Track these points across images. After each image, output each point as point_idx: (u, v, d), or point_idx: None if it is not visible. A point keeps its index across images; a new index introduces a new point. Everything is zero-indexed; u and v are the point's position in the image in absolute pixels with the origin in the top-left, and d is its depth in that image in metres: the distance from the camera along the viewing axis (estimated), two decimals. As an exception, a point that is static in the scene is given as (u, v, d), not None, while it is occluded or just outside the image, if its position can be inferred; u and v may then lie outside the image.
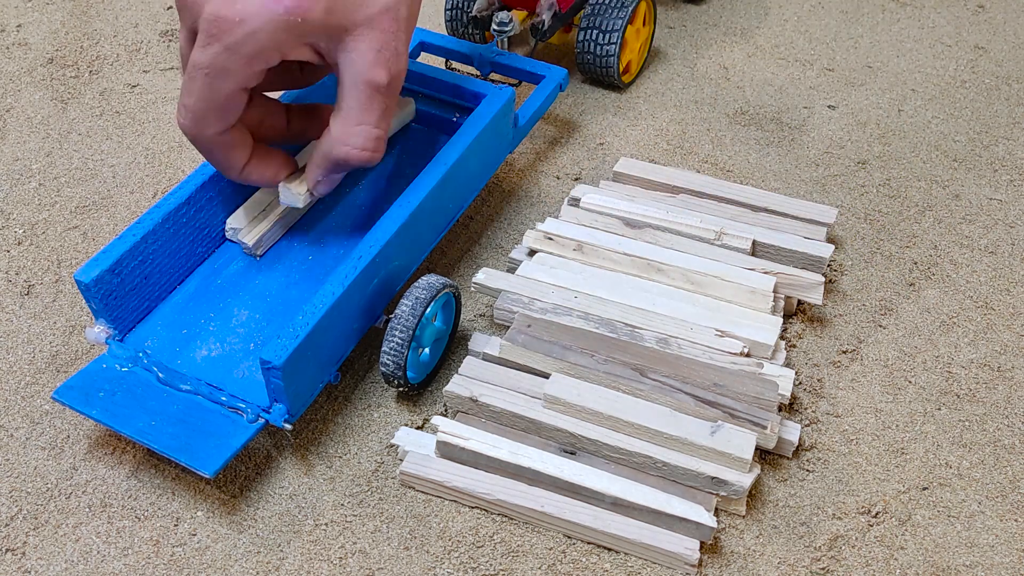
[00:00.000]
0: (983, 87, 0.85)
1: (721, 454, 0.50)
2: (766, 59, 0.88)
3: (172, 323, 0.57)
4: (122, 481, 0.53)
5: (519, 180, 0.74)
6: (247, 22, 0.47)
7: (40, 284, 0.65)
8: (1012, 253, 0.68)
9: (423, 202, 0.57)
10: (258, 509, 0.52)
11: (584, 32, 0.79)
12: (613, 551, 0.50)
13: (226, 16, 0.47)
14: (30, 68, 0.85)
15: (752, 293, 0.60)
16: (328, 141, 0.53)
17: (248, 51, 0.48)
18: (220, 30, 0.48)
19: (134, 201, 0.72)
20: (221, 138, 0.53)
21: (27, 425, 0.56)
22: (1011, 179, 0.75)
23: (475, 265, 0.67)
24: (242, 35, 0.48)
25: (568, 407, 0.53)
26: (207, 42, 0.48)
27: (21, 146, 0.77)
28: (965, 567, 0.50)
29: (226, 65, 0.49)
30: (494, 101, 0.64)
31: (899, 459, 0.55)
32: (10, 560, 0.50)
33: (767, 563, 0.50)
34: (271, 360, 0.48)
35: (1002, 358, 0.61)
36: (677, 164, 0.76)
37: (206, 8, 0.48)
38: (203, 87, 0.50)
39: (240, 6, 0.47)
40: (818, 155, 0.77)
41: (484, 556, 0.50)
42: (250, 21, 0.47)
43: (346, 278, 0.52)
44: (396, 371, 0.54)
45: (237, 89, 0.50)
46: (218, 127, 0.52)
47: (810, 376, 0.59)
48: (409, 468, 0.52)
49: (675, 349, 0.56)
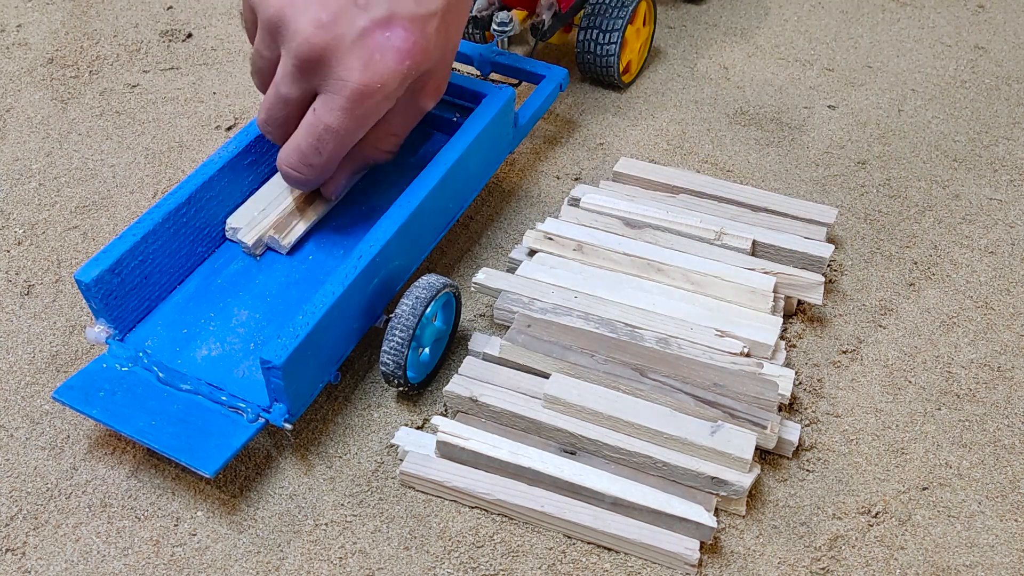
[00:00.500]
0: (983, 87, 0.85)
1: (721, 454, 0.50)
2: (766, 59, 0.88)
3: (172, 323, 0.57)
4: (122, 481, 0.53)
5: (519, 180, 0.74)
6: (386, 87, 0.51)
7: (40, 284, 0.65)
8: (1012, 253, 0.68)
9: (423, 202, 0.57)
10: (258, 509, 0.52)
11: (584, 32, 0.79)
12: (613, 551, 0.50)
13: (369, 85, 0.51)
14: (30, 68, 0.85)
15: (752, 293, 0.60)
16: (360, 147, 0.58)
17: (380, 110, 0.53)
18: (364, 97, 0.51)
19: (134, 201, 0.72)
20: (327, 176, 0.57)
21: (27, 425, 0.56)
22: (1011, 179, 0.75)
23: (475, 265, 0.67)
24: (380, 99, 0.52)
25: (568, 407, 0.53)
26: (348, 108, 0.51)
27: (21, 146, 0.77)
28: (965, 567, 0.50)
29: (360, 126, 0.53)
30: (494, 101, 0.64)
31: (899, 459, 0.55)
32: (10, 560, 0.50)
33: (767, 563, 0.50)
34: (271, 360, 0.48)
35: (1002, 358, 0.61)
36: (677, 164, 0.76)
37: (346, 77, 0.50)
38: (336, 148, 0.54)
39: (379, 73, 0.51)
40: (818, 155, 0.77)
41: (484, 556, 0.50)
42: (388, 86, 0.51)
43: (346, 278, 0.52)
44: (396, 371, 0.54)
45: (355, 141, 0.54)
46: (330, 170, 0.56)
47: (810, 376, 0.59)
48: (409, 468, 0.52)
49: (675, 349, 0.56)
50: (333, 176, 0.60)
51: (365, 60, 0.50)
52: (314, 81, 0.52)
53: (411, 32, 0.51)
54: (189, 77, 0.85)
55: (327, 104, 0.52)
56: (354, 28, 0.50)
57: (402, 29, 0.51)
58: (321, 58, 0.51)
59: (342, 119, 0.52)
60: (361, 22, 0.50)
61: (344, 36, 0.50)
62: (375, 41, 0.51)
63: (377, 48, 0.51)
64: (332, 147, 0.54)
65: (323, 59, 0.51)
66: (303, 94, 0.53)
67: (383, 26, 0.51)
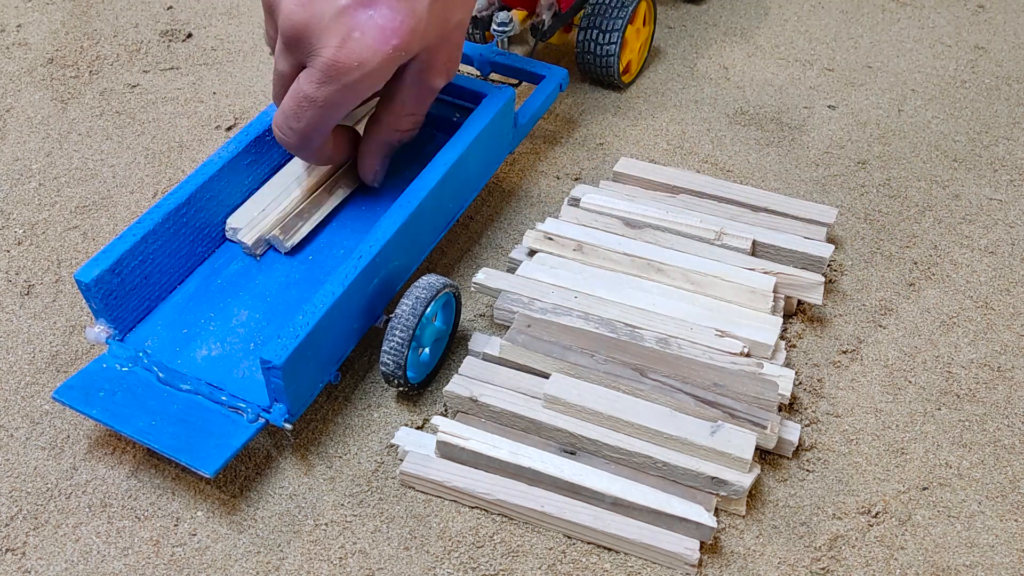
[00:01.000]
0: (983, 87, 0.85)
1: (721, 454, 0.50)
2: (766, 59, 0.88)
3: (172, 323, 0.57)
4: (122, 481, 0.53)
5: (519, 180, 0.74)
6: (364, 65, 0.52)
7: (40, 284, 0.65)
8: (1012, 253, 0.68)
9: (423, 202, 0.57)
10: (258, 509, 0.52)
11: (584, 32, 0.79)
12: (613, 551, 0.50)
13: (344, 62, 0.51)
14: (30, 68, 0.85)
15: (752, 293, 0.60)
16: (379, 129, 0.60)
17: (362, 88, 0.53)
18: (339, 72, 0.52)
19: (134, 201, 0.72)
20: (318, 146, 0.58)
21: (27, 425, 0.56)
22: (1011, 179, 0.75)
23: (475, 265, 0.67)
24: (359, 76, 0.52)
25: (568, 407, 0.53)
26: (324, 81, 0.52)
27: (21, 146, 0.77)
28: (965, 567, 0.50)
29: (341, 100, 0.53)
30: (494, 101, 0.64)
31: (899, 459, 0.55)
32: (10, 560, 0.50)
33: (767, 563, 0.50)
34: (271, 360, 0.48)
35: (1002, 358, 0.61)
36: (677, 164, 0.76)
37: (322, 53, 0.51)
38: (315, 117, 0.54)
39: (356, 51, 0.51)
40: (818, 155, 0.77)
41: (484, 556, 0.50)
42: (366, 64, 0.52)
43: (346, 278, 0.52)
44: (396, 371, 0.54)
45: (342, 115, 0.55)
46: (319, 141, 0.57)
47: (810, 376, 0.59)
48: (409, 468, 0.52)
49: (675, 349, 0.56)
50: (364, 161, 0.62)
51: (343, 37, 0.51)
52: (299, 56, 0.53)
53: (397, 11, 0.51)
54: (189, 77, 0.85)
55: (307, 75, 0.53)
56: (333, 5, 0.51)
57: (387, 8, 0.51)
58: (301, 34, 0.52)
59: (317, 90, 0.53)
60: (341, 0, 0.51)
61: (322, 13, 0.51)
62: (356, 19, 0.51)
63: (357, 26, 0.51)
64: (311, 114, 0.54)
65: (304, 36, 0.52)
66: (292, 69, 0.54)
67: (366, 4, 0.51)
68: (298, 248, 0.61)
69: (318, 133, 0.56)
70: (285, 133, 0.56)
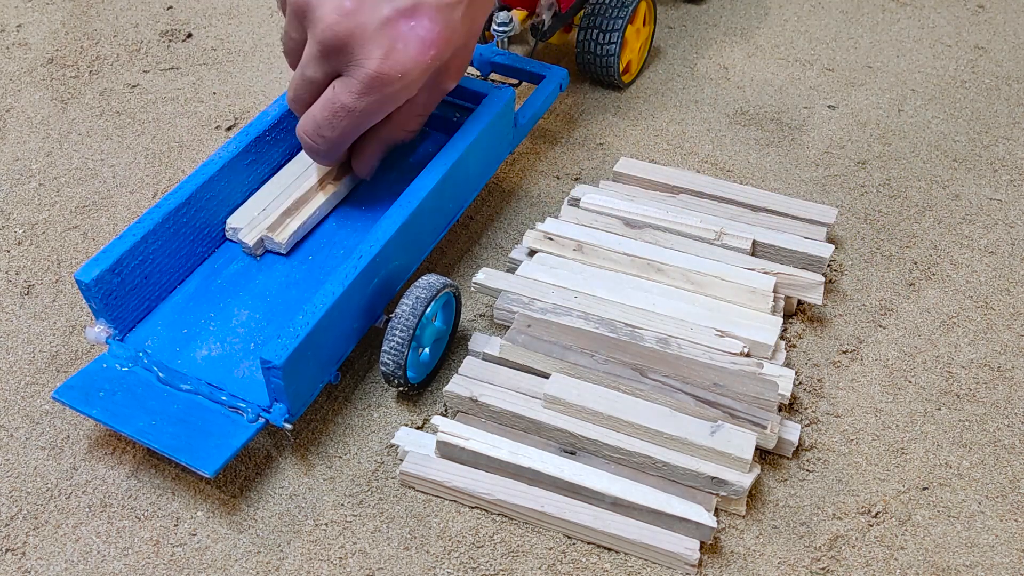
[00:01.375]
0: (983, 87, 0.85)
1: (721, 454, 0.50)
2: (766, 59, 0.88)
3: (172, 323, 0.57)
4: (122, 481, 0.53)
5: (519, 180, 0.74)
6: (407, 76, 0.52)
7: (40, 284, 0.65)
8: (1012, 253, 0.68)
9: (423, 202, 0.57)
10: (258, 509, 0.52)
11: (584, 32, 0.79)
12: (613, 551, 0.50)
13: (388, 73, 0.51)
14: (30, 68, 0.85)
15: (752, 293, 0.60)
16: (387, 127, 0.59)
17: (399, 97, 0.53)
18: (382, 83, 0.52)
19: (134, 201, 0.72)
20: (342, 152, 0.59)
21: (27, 425, 0.56)
22: (1011, 179, 0.75)
23: (475, 265, 0.67)
24: (401, 87, 0.52)
25: (568, 407, 0.53)
26: (365, 92, 0.52)
27: (21, 146, 0.77)
28: (965, 567, 0.50)
29: (377, 110, 0.54)
30: (494, 101, 0.64)
31: (899, 459, 0.55)
32: (10, 560, 0.50)
33: (767, 563, 0.50)
34: (271, 360, 0.48)
35: (1002, 358, 0.61)
36: (677, 164, 0.76)
37: (365, 64, 0.51)
38: (350, 126, 0.55)
39: (400, 62, 0.51)
40: (818, 155, 0.77)
41: (484, 556, 0.50)
42: (409, 75, 0.52)
43: (346, 278, 0.52)
44: (396, 371, 0.54)
45: (372, 123, 0.55)
46: (344, 148, 0.58)
47: (810, 376, 0.59)
48: (409, 468, 0.52)
49: (675, 349, 0.56)
50: (363, 157, 0.61)
51: (387, 48, 0.51)
52: (336, 65, 0.53)
53: (436, 22, 0.52)
54: (189, 77, 0.85)
55: (345, 85, 0.53)
56: (377, 16, 0.51)
57: (427, 19, 0.51)
58: (344, 45, 0.51)
59: (356, 101, 0.53)
60: (384, 11, 0.51)
61: (366, 24, 0.51)
62: (398, 30, 0.51)
63: (400, 37, 0.51)
64: (346, 124, 0.54)
65: (345, 46, 0.51)
66: (326, 77, 0.54)
67: (408, 15, 0.51)
68: (298, 248, 0.61)
69: (347, 141, 0.56)
70: (316, 141, 0.56)
